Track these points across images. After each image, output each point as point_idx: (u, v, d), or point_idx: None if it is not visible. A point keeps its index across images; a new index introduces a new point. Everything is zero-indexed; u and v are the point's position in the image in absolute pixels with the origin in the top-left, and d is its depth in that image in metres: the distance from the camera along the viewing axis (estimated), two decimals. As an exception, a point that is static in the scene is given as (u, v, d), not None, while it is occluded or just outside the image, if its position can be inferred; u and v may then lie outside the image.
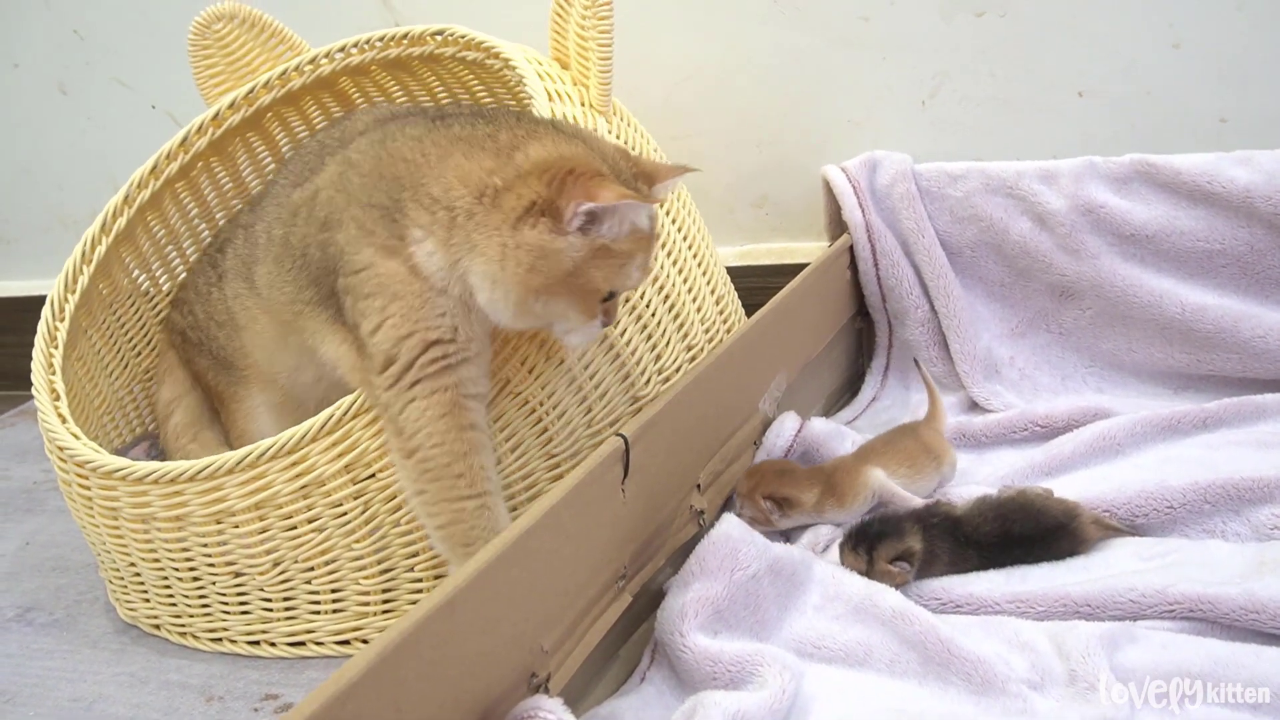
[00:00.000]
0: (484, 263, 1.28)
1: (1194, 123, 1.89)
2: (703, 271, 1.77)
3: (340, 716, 0.88)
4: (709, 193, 2.14)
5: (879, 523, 1.42)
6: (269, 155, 2.01)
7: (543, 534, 1.14)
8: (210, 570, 1.50)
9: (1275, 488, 1.44)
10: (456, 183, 1.30)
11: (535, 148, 1.30)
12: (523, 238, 1.26)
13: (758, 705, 1.17)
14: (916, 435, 1.62)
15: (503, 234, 1.27)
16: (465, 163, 1.31)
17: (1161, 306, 1.83)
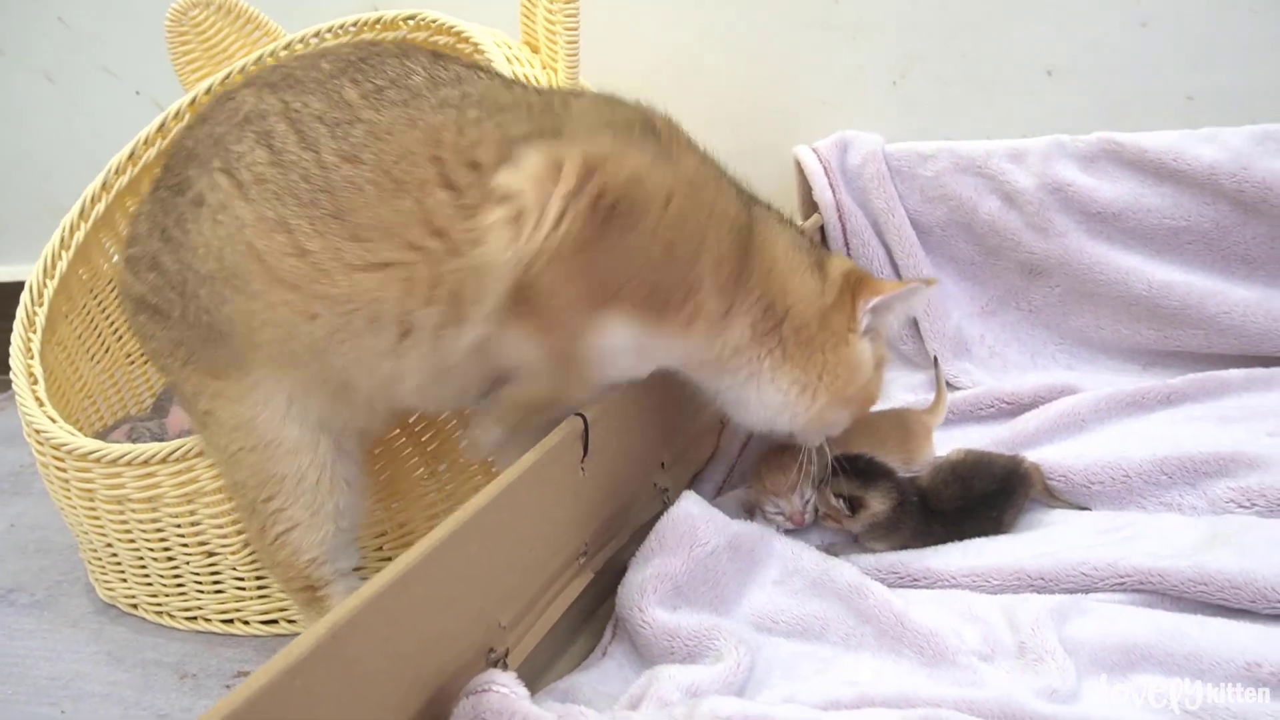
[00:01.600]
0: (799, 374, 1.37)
1: (1161, 100, 1.91)
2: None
3: (291, 689, 0.90)
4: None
5: (867, 465, 1.46)
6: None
7: (499, 512, 1.16)
8: (184, 550, 1.53)
9: (1232, 462, 1.46)
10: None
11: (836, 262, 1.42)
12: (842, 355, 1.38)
13: (712, 678, 1.19)
14: (917, 419, 1.65)
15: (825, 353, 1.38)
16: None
17: (1128, 283, 1.85)
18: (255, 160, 1.19)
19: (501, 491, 1.16)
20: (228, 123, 1.23)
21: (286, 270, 1.18)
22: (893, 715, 1.07)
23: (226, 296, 1.21)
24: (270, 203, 1.18)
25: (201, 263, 1.21)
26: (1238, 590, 1.23)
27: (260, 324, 1.21)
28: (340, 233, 1.16)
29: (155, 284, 1.28)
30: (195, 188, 1.22)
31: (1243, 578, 1.23)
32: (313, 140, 1.18)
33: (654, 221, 1.20)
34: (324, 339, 1.20)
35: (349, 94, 1.19)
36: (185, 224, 1.23)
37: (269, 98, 1.23)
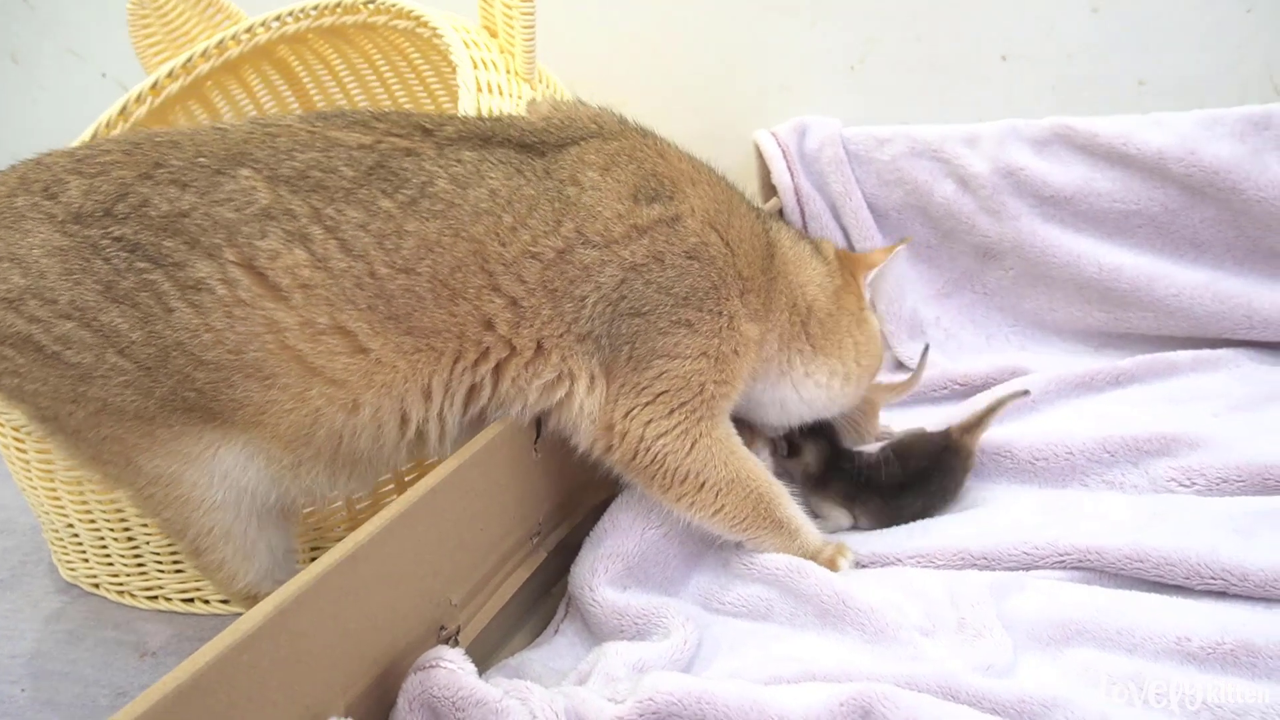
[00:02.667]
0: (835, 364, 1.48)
1: (1113, 85, 1.93)
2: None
3: (238, 664, 0.92)
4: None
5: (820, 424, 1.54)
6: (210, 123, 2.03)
7: (450, 493, 1.18)
8: (144, 530, 1.55)
9: (1174, 441, 1.49)
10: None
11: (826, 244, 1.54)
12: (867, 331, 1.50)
13: (659, 654, 1.22)
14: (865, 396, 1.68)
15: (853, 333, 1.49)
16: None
17: (1080, 266, 1.87)
18: (296, 263, 1.16)
19: (452, 473, 1.18)
20: (235, 209, 1.17)
21: (337, 369, 1.19)
22: (830, 689, 1.09)
23: (237, 383, 1.17)
24: (321, 308, 1.17)
25: (202, 348, 1.16)
26: (1172, 567, 1.27)
27: (282, 412, 1.19)
28: (397, 330, 1.20)
29: (69, 337, 1.16)
30: (190, 270, 1.15)
31: (1177, 555, 1.26)
32: (360, 251, 1.18)
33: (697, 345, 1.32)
34: (361, 424, 1.22)
35: (385, 204, 1.20)
36: (167, 300, 1.15)
37: (292, 198, 1.18)
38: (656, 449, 1.30)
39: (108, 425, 1.18)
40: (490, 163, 1.26)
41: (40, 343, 1.16)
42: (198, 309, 1.15)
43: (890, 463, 1.51)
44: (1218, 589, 1.25)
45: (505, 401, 1.27)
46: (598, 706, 1.11)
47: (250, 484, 1.24)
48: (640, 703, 1.09)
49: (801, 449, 1.55)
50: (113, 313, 1.15)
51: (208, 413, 1.18)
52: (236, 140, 1.21)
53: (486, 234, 1.22)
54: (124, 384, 1.16)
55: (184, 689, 0.87)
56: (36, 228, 1.16)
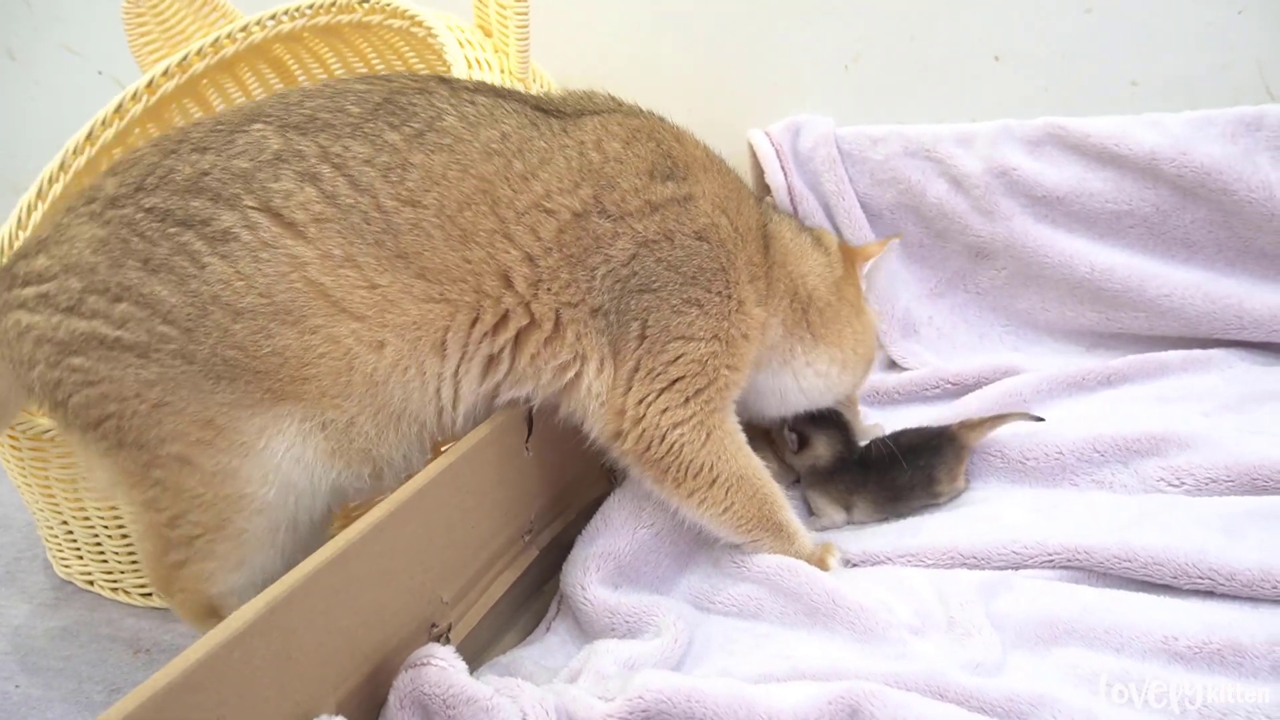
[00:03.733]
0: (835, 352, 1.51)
1: (1106, 86, 1.93)
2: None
3: (229, 661, 0.93)
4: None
5: (829, 412, 1.57)
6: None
7: (440, 491, 1.19)
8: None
9: (1163, 441, 1.49)
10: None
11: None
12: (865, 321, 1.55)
13: (650, 652, 1.23)
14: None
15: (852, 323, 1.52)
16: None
17: (1072, 266, 1.88)
18: (308, 199, 1.20)
19: (442, 471, 1.19)
20: (249, 159, 1.21)
21: (356, 302, 1.20)
22: (818, 687, 1.10)
23: (274, 331, 1.19)
24: (335, 240, 1.20)
25: (236, 296, 1.18)
26: (1160, 567, 1.27)
27: (317, 357, 1.20)
28: (408, 271, 1.21)
29: (124, 317, 1.18)
30: (216, 223, 1.19)
31: (1165, 554, 1.27)
32: (366, 185, 1.21)
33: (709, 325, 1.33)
34: (387, 368, 1.23)
35: (391, 137, 1.23)
36: (199, 258, 1.18)
37: (300, 140, 1.22)
38: (673, 439, 1.31)
39: (169, 420, 1.20)
40: (505, 109, 1.28)
41: (103, 334, 1.19)
42: (227, 259, 1.18)
43: (883, 442, 1.54)
44: (1205, 588, 1.25)
45: (521, 379, 1.28)
46: (588, 704, 1.12)
47: (302, 478, 1.24)
48: (630, 700, 1.10)
49: (813, 441, 1.56)
50: (153, 283, 1.18)
51: (253, 376, 1.20)
52: (251, 106, 1.28)
53: (496, 175, 1.24)
54: (174, 353, 1.18)
55: (175, 685, 0.87)
56: (79, 230, 1.22)
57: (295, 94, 1.27)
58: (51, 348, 1.21)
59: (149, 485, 1.22)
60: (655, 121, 1.39)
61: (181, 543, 1.24)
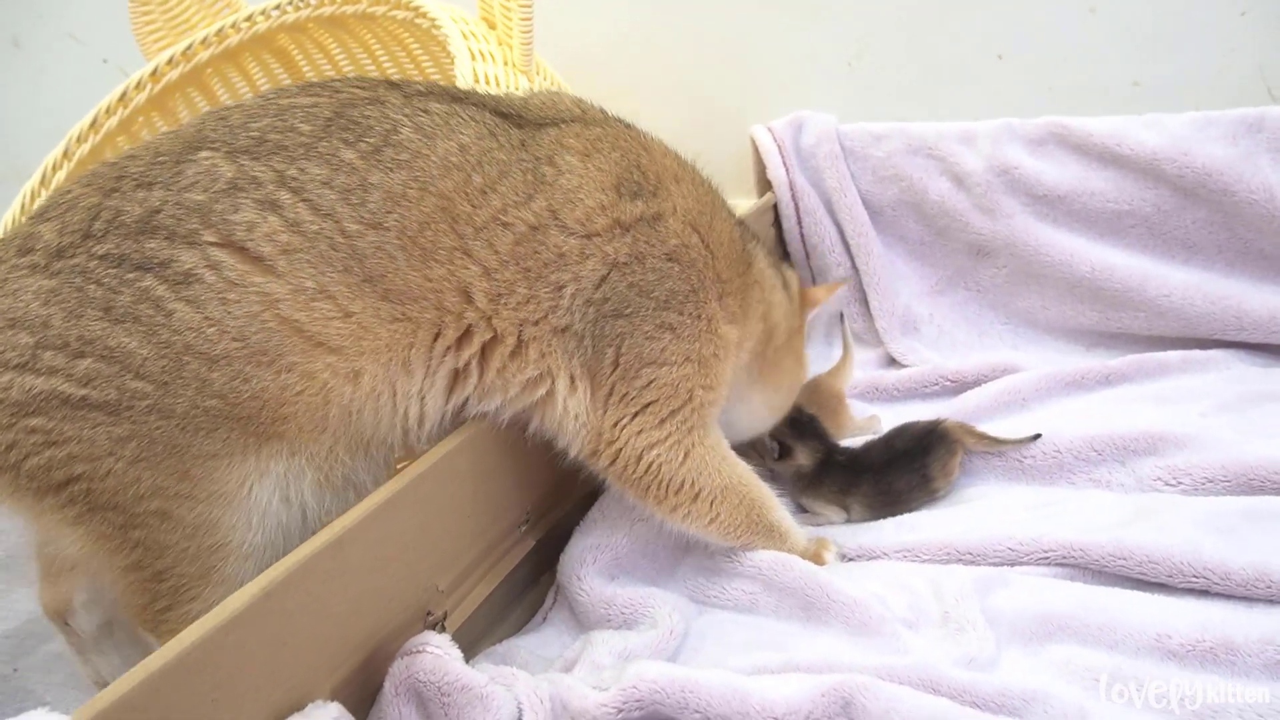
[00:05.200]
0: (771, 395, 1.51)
1: (1108, 86, 1.93)
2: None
3: (224, 645, 0.94)
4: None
5: (808, 422, 1.59)
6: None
7: (437, 479, 1.19)
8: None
9: (1161, 441, 1.49)
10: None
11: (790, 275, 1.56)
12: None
13: (645, 643, 1.23)
14: (820, 382, 1.70)
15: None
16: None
17: (1072, 265, 1.88)
18: (273, 230, 1.13)
19: (440, 458, 1.19)
20: (203, 190, 1.13)
21: (332, 334, 1.15)
22: (812, 679, 1.10)
23: (250, 375, 1.12)
24: (306, 271, 1.13)
25: (210, 344, 1.11)
26: (1155, 565, 1.27)
27: (295, 395, 1.15)
28: (375, 294, 1.16)
29: (89, 374, 1.10)
30: (176, 264, 1.11)
31: (1160, 553, 1.27)
32: (329, 209, 1.15)
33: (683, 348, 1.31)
34: (363, 398, 1.19)
35: (347, 155, 1.17)
36: (163, 304, 1.10)
37: (254, 165, 1.15)
38: (649, 459, 1.29)
39: (146, 476, 1.12)
40: (461, 118, 1.24)
41: (65, 393, 1.10)
42: (194, 304, 1.11)
43: (876, 445, 1.55)
44: (1199, 587, 1.25)
45: (489, 391, 1.25)
46: (583, 694, 1.12)
47: (294, 516, 1.20)
48: (624, 690, 1.10)
49: (793, 450, 1.56)
50: (119, 334, 1.10)
51: (234, 424, 1.13)
52: (190, 131, 1.19)
53: (455, 191, 1.20)
54: (148, 409, 1.10)
55: (169, 668, 0.88)
56: (24, 283, 1.12)
57: (236, 114, 1.20)
58: (2, 409, 1.10)
59: (130, 549, 1.15)
60: (619, 130, 1.34)
61: (167, 593, 1.18)
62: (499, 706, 1.08)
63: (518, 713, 1.09)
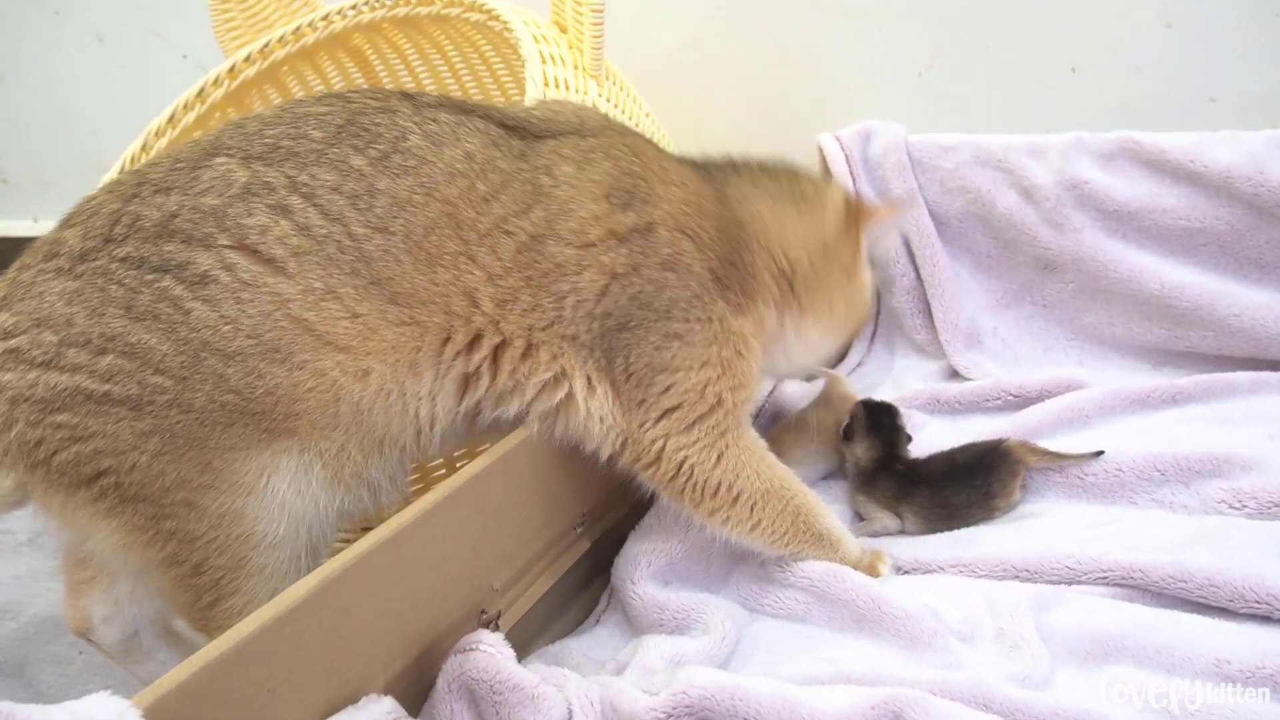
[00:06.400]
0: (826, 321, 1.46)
1: (1183, 101, 1.91)
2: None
3: (281, 636, 0.95)
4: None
5: (887, 416, 1.61)
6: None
7: (494, 479, 1.21)
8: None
9: (1226, 463, 1.47)
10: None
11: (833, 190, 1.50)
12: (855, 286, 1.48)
13: (696, 649, 1.24)
14: (826, 410, 1.70)
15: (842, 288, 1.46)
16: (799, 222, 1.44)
17: (1141, 282, 1.86)
18: (284, 233, 1.18)
19: (497, 459, 1.21)
20: (218, 195, 1.18)
21: (340, 333, 1.19)
22: (863, 691, 1.10)
23: (265, 371, 1.17)
24: (315, 273, 1.18)
25: (225, 341, 1.16)
26: (1216, 589, 1.25)
27: (306, 392, 1.19)
28: (382, 297, 1.20)
29: (111, 370, 1.14)
30: (194, 266, 1.16)
31: (1222, 576, 1.25)
32: (337, 214, 1.20)
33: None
34: (372, 395, 1.22)
35: (356, 162, 1.22)
36: (180, 303, 1.15)
37: (267, 171, 1.20)
38: (678, 460, 1.29)
39: (170, 468, 1.16)
40: (468, 128, 1.27)
41: (88, 389, 1.15)
42: (210, 303, 1.16)
43: (937, 458, 1.54)
44: (1262, 613, 1.23)
45: (503, 396, 1.27)
46: (632, 697, 1.13)
47: (309, 509, 1.23)
48: (674, 695, 1.10)
49: (857, 437, 1.58)
50: (140, 331, 1.15)
51: (250, 419, 1.17)
52: (209, 140, 1.24)
53: (460, 198, 1.23)
54: (169, 404, 1.15)
55: (227, 656, 0.90)
56: (49, 285, 1.17)
57: (253, 122, 1.25)
58: (30, 406, 1.15)
59: (165, 540, 1.19)
60: (614, 139, 1.36)
61: (209, 586, 1.21)
62: (550, 707, 1.09)
63: (568, 714, 1.10)
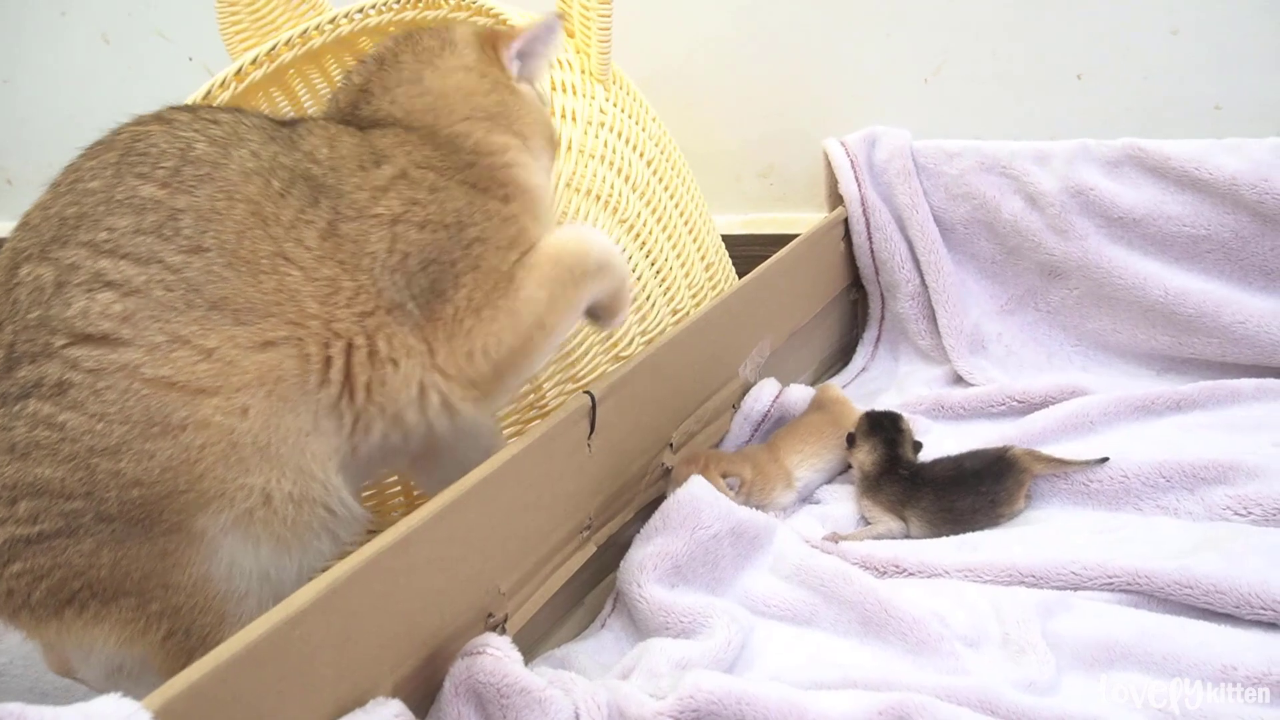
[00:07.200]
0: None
1: (1189, 108, 1.91)
2: (693, 238, 1.82)
3: (290, 638, 0.96)
4: (715, 161, 2.19)
5: (889, 424, 1.62)
6: (291, 109, 2.07)
7: (502, 482, 1.21)
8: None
9: (1231, 469, 1.47)
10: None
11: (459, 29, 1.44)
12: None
13: (703, 653, 1.23)
14: (820, 411, 1.71)
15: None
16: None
17: (1145, 289, 1.86)
18: (106, 305, 1.10)
19: (505, 463, 1.21)
20: (39, 304, 1.11)
21: (201, 376, 1.12)
22: (869, 696, 1.10)
23: (152, 450, 1.10)
24: (152, 327, 1.10)
25: (105, 439, 1.09)
26: (1222, 595, 1.25)
27: (199, 450, 1.12)
28: (225, 321, 1.13)
29: (31, 512, 1.09)
30: (47, 379, 1.09)
31: (1227, 583, 1.25)
32: (147, 254, 1.12)
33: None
34: (262, 430, 1.14)
35: (146, 191, 1.14)
36: (52, 420, 1.09)
37: (64, 252, 1.12)
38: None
39: (133, 568, 1.12)
40: (246, 125, 1.22)
41: (22, 535, 1.10)
42: (77, 407, 1.09)
43: (943, 461, 1.55)
44: (1268, 620, 1.23)
45: (377, 416, 1.22)
46: (639, 701, 1.12)
47: (264, 566, 1.18)
48: (681, 700, 1.10)
49: (858, 443, 1.59)
50: (31, 468, 1.09)
51: (164, 501, 1.11)
52: (6, 256, 1.16)
53: (260, 194, 1.17)
54: (94, 519, 1.10)
55: (237, 658, 0.90)
56: None
57: (35, 212, 1.17)
58: None
59: (158, 620, 1.15)
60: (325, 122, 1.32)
61: (199, 645, 1.16)
62: (557, 711, 1.09)
63: (575, 717, 1.10)
